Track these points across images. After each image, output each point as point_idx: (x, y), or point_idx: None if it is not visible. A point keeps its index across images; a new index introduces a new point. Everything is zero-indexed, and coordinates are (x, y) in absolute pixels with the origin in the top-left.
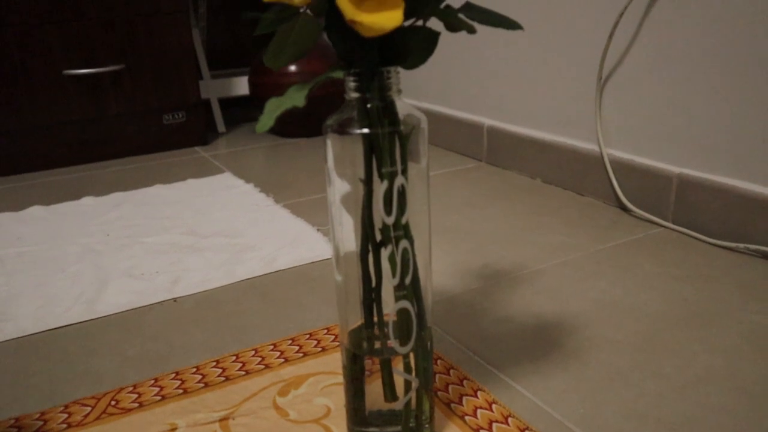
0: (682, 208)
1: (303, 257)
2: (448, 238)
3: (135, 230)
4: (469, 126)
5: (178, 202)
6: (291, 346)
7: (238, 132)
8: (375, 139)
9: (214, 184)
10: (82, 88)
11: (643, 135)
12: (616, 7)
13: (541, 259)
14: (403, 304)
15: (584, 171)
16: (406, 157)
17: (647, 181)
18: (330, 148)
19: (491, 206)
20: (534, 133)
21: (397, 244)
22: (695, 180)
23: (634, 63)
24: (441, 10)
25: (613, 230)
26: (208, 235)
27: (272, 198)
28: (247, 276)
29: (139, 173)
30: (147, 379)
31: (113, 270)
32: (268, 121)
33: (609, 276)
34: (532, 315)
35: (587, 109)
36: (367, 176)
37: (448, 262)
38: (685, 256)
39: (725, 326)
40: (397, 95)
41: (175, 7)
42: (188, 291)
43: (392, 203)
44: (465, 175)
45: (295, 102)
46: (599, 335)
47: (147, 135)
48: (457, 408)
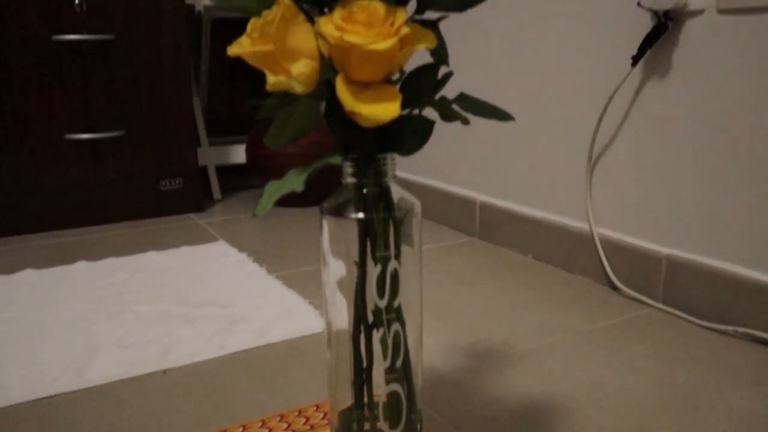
0: (671, 288)
1: (294, 330)
2: (439, 314)
3: (127, 297)
4: (462, 201)
5: (172, 269)
6: (280, 423)
7: (234, 199)
8: (370, 224)
9: (208, 252)
10: (82, 151)
11: (633, 215)
12: (606, 92)
13: (531, 339)
14: (394, 387)
15: (575, 249)
16: (399, 241)
17: (637, 261)
18: (326, 230)
19: (483, 283)
20: (526, 210)
21: (388, 327)
22: (684, 261)
23: (623, 145)
24: (436, 102)
25: (604, 310)
26: (201, 304)
27: (265, 268)
28: (238, 348)
29: (134, 238)
30: None
31: (104, 339)
32: (267, 205)
33: (599, 357)
34: (522, 396)
35: (578, 188)
36: (361, 259)
37: (439, 340)
38: (674, 338)
39: (715, 411)
40: (392, 181)
41: (177, 76)
42: (179, 362)
43: (385, 287)
44: (457, 250)
45: (294, 186)
46: (589, 419)
47: (143, 200)
48: None
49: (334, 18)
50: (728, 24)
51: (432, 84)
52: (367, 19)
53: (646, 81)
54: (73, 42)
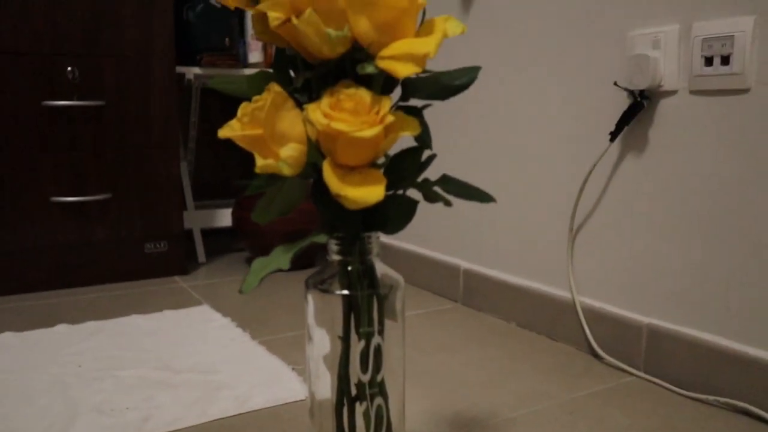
0: (652, 357)
1: (277, 397)
2: (422, 382)
3: (108, 362)
4: (445, 267)
5: (154, 333)
6: None
7: (219, 262)
8: (354, 300)
9: (191, 316)
10: (68, 214)
11: (614, 284)
12: (586, 165)
13: (513, 407)
14: None
15: (557, 317)
16: (383, 317)
17: (618, 330)
18: (311, 305)
19: (465, 350)
20: (509, 277)
21: (371, 401)
22: (664, 330)
23: (603, 215)
24: (419, 184)
25: (586, 378)
26: (182, 370)
27: (249, 333)
28: (220, 416)
29: (116, 301)
30: None
31: (83, 404)
32: (253, 282)
33: (581, 427)
34: None
35: (560, 257)
36: (345, 334)
37: (421, 408)
38: (655, 407)
39: None
40: (377, 258)
41: (165, 141)
42: (159, 430)
43: (368, 362)
44: (440, 316)
45: (281, 264)
46: None
47: (128, 262)
48: None
49: (321, 105)
50: (700, 104)
51: (415, 166)
52: (353, 107)
53: (624, 155)
54: (64, 107)
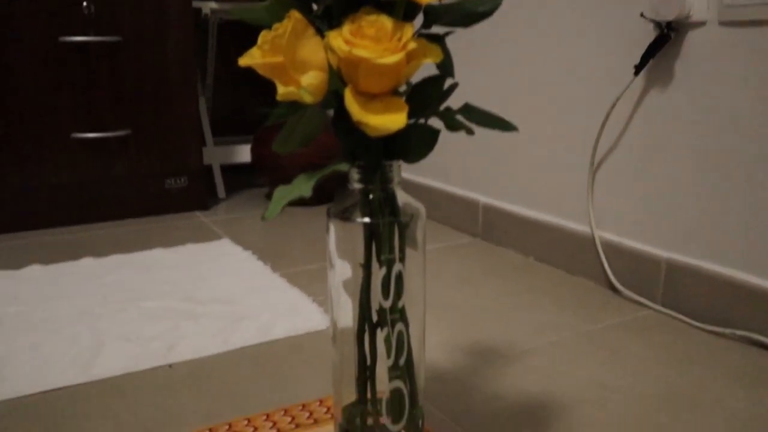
0: (670, 291)
1: (298, 328)
2: (441, 314)
3: (133, 294)
4: (465, 202)
5: (177, 266)
6: (284, 417)
7: (238, 198)
8: (375, 228)
9: (213, 250)
10: (88, 150)
11: (633, 219)
12: (609, 99)
13: (531, 339)
14: (397, 384)
15: (576, 251)
16: (404, 245)
17: (637, 264)
18: (332, 233)
19: (484, 283)
20: (528, 212)
21: (392, 327)
22: (683, 265)
23: (625, 150)
24: (441, 112)
25: (603, 311)
26: (205, 301)
27: (270, 266)
28: (243, 345)
29: (139, 236)
30: None
31: (109, 333)
32: (275, 209)
33: (598, 358)
34: (522, 394)
35: (580, 192)
36: (367, 262)
37: (440, 339)
38: (672, 340)
39: (711, 412)
40: (398, 187)
41: (183, 77)
42: (183, 357)
43: (390, 288)
44: (459, 250)
45: (303, 192)
46: (588, 416)
47: (149, 198)
48: None
49: (343, 32)
50: (729, 36)
51: (437, 95)
52: (375, 33)
53: (648, 89)
54: (80, 43)
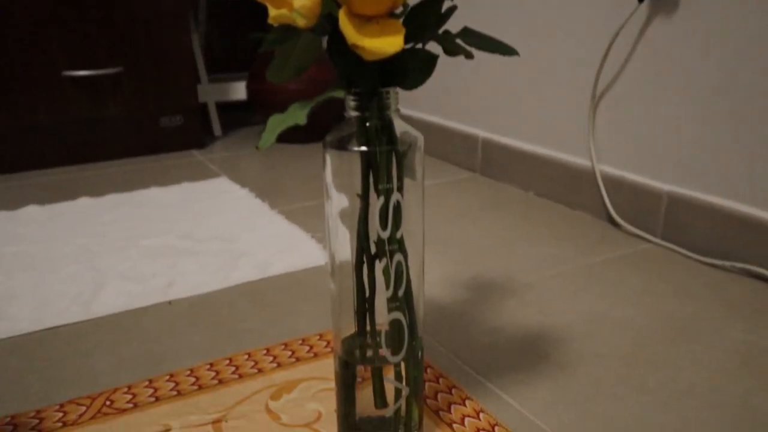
0: (671, 224)
1: (297, 264)
2: (440, 248)
3: (132, 232)
4: (464, 137)
5: (175, 205)
6: (284, 351)
7: (234, 136)
8: (373, 157)
9: (210, 188)
10: (80, 89)
11: (635, 152)
12: (611, 29)
13: (530, 272)
14: (396, 315)
15: (576, 185)
16: (402, 174)
17: (637, 197)
18: (329, 164)
19: (483, 218)
20: (528, 146)
21: (391, 258)
22: (684, 198)
23: (627, 82)
24: (439, 36)
25: (603, 245)
26: (204, 239)
27: (267, 204)
28: (242, 281)
29: (135, 175)
30: (141, 380)
31: (109, 271)
32: (270, 138)
33: (597, 290)
34: (520, 326)
35: (581, 125)
36: (364, 192)
37: (439, 272)
38: (672, 273)
39: (710, 343)
40: (395, 114)
41: (175, 12)
42: (183, 294)
43: (388, 218)
44: (458, 185)
45: (297, 120)
46: (586, 348)
47: (144, 137)
48: (446, 416)
49: None
50: None
51: (435, 18)
52: None
53: (652, 18)
54: None
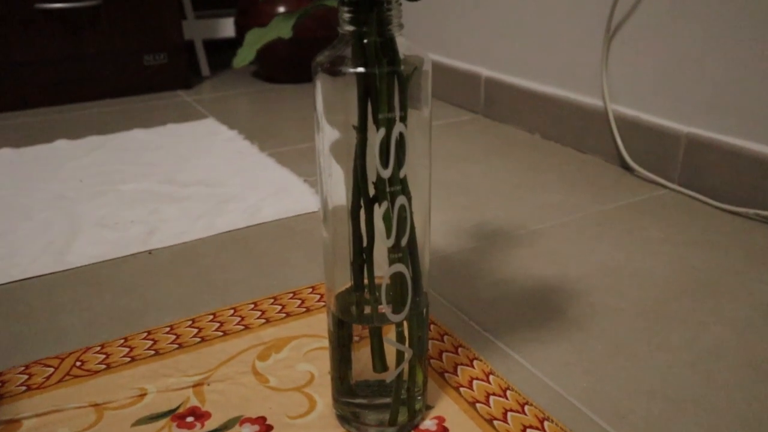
0: (689, 169)
1: (288, 209)
2: (442, 194)
3: (110, 177)
4: (466, 76)
5: (158, 148)
6: (273, 305)
7: (223, 76)
8: (371, 80)
9: (196, 130)
10: (56, 24)
11: (652, 91)
12: None
13: (539, 219)
14: (398, 268)
15: (586, 127)
16: (406, 101)
17: (653, 140)
18: (320, 90)
19: (487, 162)
20: (534, 85)
21: (393, 201)
22: (704, 140)
23: (645, 15)
24: None
25: (616, 191)
26: (189, 183)
27: (257, 146)
28: (228, 228)
29: (116, 116)
30: (116, 339)
31: (85, 219)
32: (247, 55)
33: (611, 239)
34: (531, 278)
35: (593, 62)
36: (361, 122)
37: (442, 220)
38: (691, 221)
39: (735, 296)
40: (398, 30)
41: None
42: (165, 243)
43: (389, 154)
44: (460, 128)
45: (281, 33)
46: (602, 302)
47: (126, 76)
48: (452, 378)
49: None
50: None
51: None
52: None
53: None
54: None
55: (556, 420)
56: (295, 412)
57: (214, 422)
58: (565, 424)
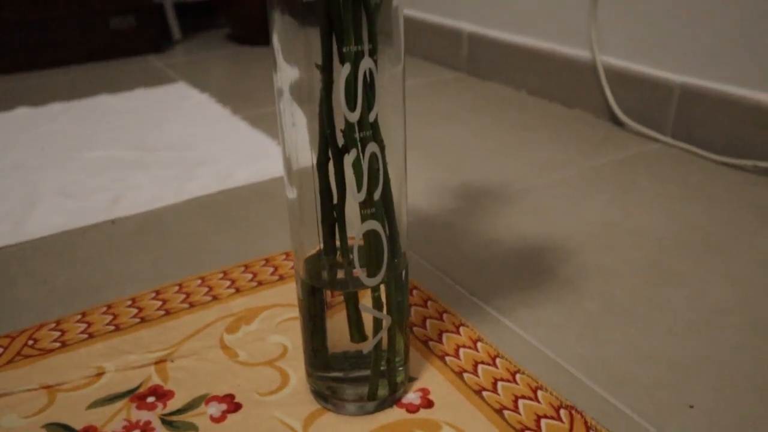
0: (683, 121)
1: (262, 173)
2: (424, 153)
3: (74, 143)
4: (447, 32)
5: (125, 113)
6: (244, 273)
7: (196, 40)
8: (334, 8)
9: (166, 94)
10: None
11: (643, 39)
12: None
13: (527, 177)
14: (372, 225)
15: (574, 81)
16: (375, 32)
17: (645, 92)
18: (276, 23)
19: (472, 120)
20: (519, 39)
21: (363, 148)
22: (699, 90)
23: None
24: None
25: (607, 146)
26: (157, 148)
27: (230, 109)
28: (199, 193)
29: (82, 82)
30: (73, 314)
31: (45, 188)
32: None
33: (604, 196)
34: (519, 238)
35: (580, 10)
36: (325, 59)
37: (424, 180)
38: (687, 175)
39: (737, 253)
40: None
41: None
42: (130, 211)
43: (357, 94)
44: (443, 86)
45: None
46: (596, 262)
47: (93, 40)
48: (436, 347)
49: None
50: None
51: None
52: None
53: None
54: None
55: (550, 389)
56: (266, 389)
57: (178, 402)
58: (560, 394)
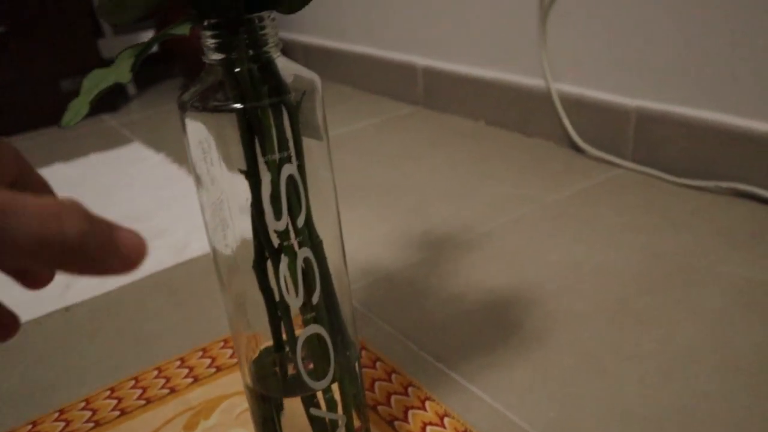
0: (642, 145)
1: None
2: (383, 198)
3: None
4: (401, 67)
5: (79, 183)
6: (202, 359)
7: (152, 93)
8: (252, 116)
9: (121, 157)
10: None
11: (595, 65)
12: None
13: (490, 217)
14: (314, 329)
15: (531, 110)
16: (299, 136)
17: (602, 118)
18: (190, 134)
19: (431, 156)
20: (474, 70)
21: (295, 254)
22: (655, 113)
23: None
24: None
25: (568, 175)
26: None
27: (185, 169)
28: (154, 269)
29: (35, 151)
30: (23, 425)
31: None
32: (81, 108)
33: (568, 232)
34: (485, 290)
35: (530, 39)
36: (250, 166)
37: (384, 230)
38: (651, 201)
39: (706, 284)
40: (276, 52)
41: None
42: (83, 296)
43: (281, 202)
44: (399, 122)
45: (120, 78)
46: (563, 309)
47: (43, 105)
48: (402, 426)
49: None
50: None
51: None
52: None
53: None
54: None
55: None
56: None
57: None
58: None
